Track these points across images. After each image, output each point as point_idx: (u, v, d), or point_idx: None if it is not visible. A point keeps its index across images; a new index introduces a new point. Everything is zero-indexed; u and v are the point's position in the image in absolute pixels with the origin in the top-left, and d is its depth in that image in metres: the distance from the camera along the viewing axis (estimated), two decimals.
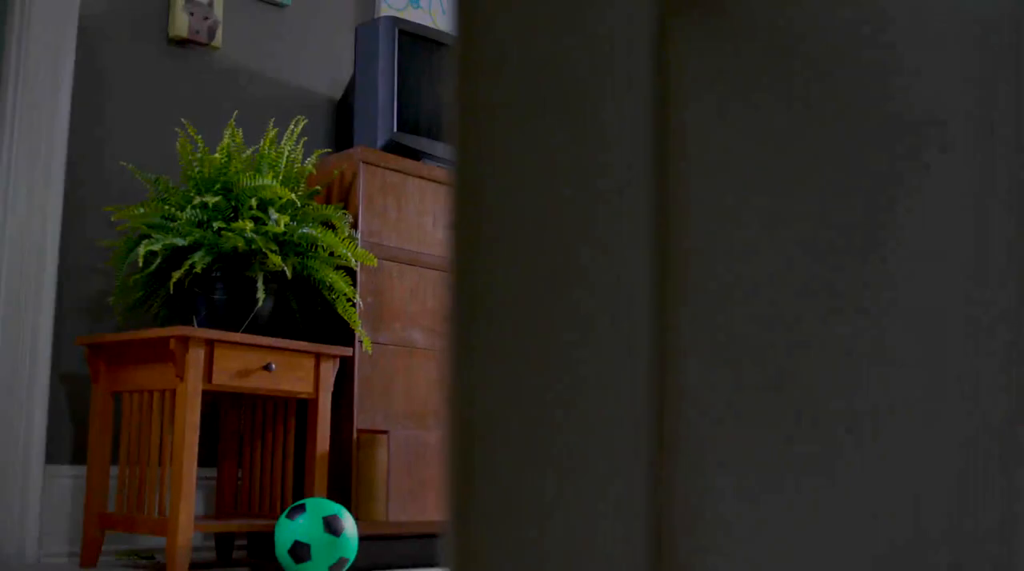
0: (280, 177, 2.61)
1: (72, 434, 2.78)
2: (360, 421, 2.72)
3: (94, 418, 2.59)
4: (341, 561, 2.37)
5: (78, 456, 2.78)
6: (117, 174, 2.91)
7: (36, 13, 2.82)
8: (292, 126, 2.72)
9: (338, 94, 3.47)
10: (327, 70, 3.47)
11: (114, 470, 2.76)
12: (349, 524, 2.39)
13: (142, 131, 2.98)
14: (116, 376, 2.58)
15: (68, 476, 2.75)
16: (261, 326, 2.62)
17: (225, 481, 2.86)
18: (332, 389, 2.66)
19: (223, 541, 2.86)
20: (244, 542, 2.98)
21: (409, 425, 2.84)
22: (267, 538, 2.88)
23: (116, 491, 2.62)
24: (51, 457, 2.74)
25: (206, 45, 3.11)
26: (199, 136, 2.67)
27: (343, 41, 3.54)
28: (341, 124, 3.38)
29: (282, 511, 2.68)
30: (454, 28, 0.44)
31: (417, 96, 3.11)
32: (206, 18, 3.11)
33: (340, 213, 2.66)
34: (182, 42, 3.09)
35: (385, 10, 3.64)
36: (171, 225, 2.54)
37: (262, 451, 2.77)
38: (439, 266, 2.98)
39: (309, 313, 2.84)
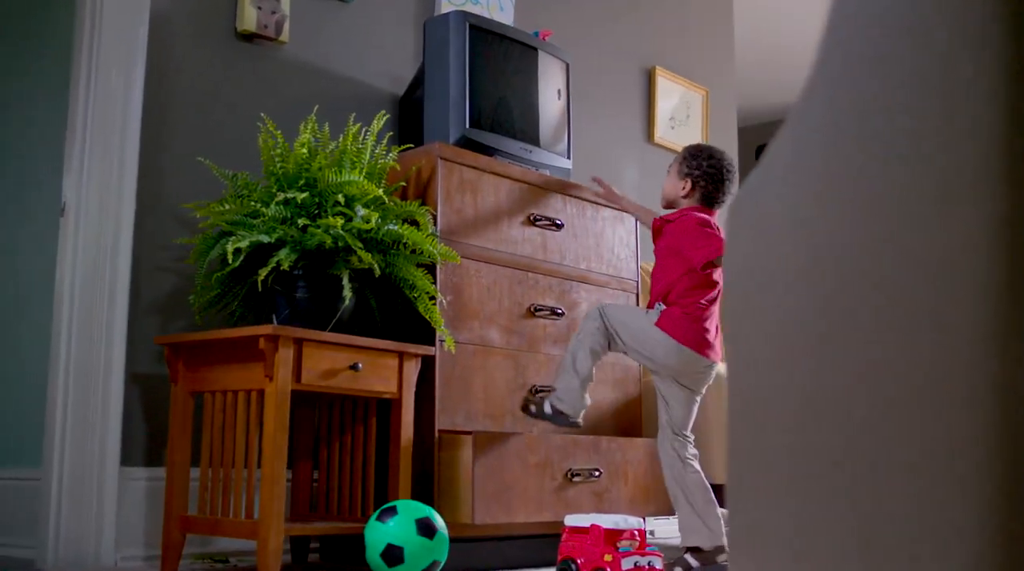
0: (364, 173, 2.56)
1: (146, 435, 2.73)
2: (441, 422, 2.67)
3: (174, 419, 2.54)
4: (434, 564, 2.32)
5: (153, 458, 2.73)
6: (189, 170, 2.86)
7: (107, 11, 2.77)
8: (376, 121, 2.66)
9: (400, 89, 3.42)
10: (389, 65, 3.42)
11: (192, 472, 2.71)
12: (441, 526, 2.34)
13: (212, 127, 2.93)
14: (197, 376, 2.52)
15: (142, 478, 2.70)
16: (343, 325, 2.57)
17: (300, 483, 2.80)
18: (415, 389, 2.61)
19: (298, 544, 2.81)
20: (316, 544, 2.93)
21: (488, 425, 2.79)
22: (343, 540, 2.82)
23: (198, 493, 2.56)
24: (126, 459, 2.69)
25: (273, 40, 3.07)
26: (278, 131, 2.62)
27: (405, 36, 3.49)
28: (405, 120, 3.32)
29: (363, 513, 2.63)
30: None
31: (488, 91, 3.06)
32: (273, 12, 3.07)
33: (423, 209, 2.61)
34: (250, 37, 3.04)
35: (446, 6, 3.59)
36: (253, 222, 2.49)
37: (340, 452, 2.72)
38: (514, 264, 2.92)
39: (388, 311, 2.78)
